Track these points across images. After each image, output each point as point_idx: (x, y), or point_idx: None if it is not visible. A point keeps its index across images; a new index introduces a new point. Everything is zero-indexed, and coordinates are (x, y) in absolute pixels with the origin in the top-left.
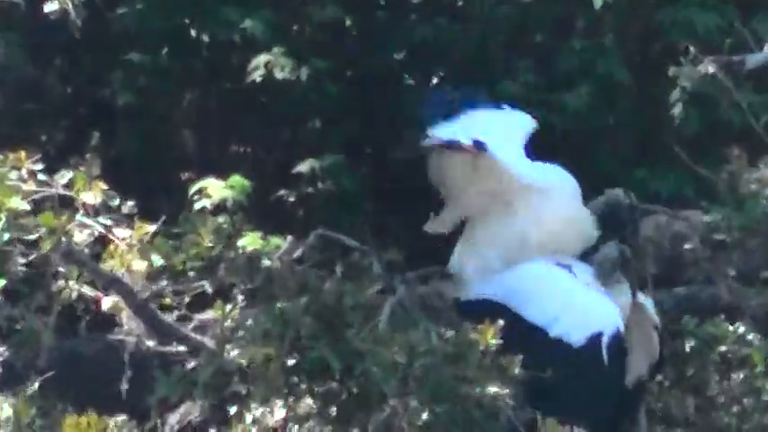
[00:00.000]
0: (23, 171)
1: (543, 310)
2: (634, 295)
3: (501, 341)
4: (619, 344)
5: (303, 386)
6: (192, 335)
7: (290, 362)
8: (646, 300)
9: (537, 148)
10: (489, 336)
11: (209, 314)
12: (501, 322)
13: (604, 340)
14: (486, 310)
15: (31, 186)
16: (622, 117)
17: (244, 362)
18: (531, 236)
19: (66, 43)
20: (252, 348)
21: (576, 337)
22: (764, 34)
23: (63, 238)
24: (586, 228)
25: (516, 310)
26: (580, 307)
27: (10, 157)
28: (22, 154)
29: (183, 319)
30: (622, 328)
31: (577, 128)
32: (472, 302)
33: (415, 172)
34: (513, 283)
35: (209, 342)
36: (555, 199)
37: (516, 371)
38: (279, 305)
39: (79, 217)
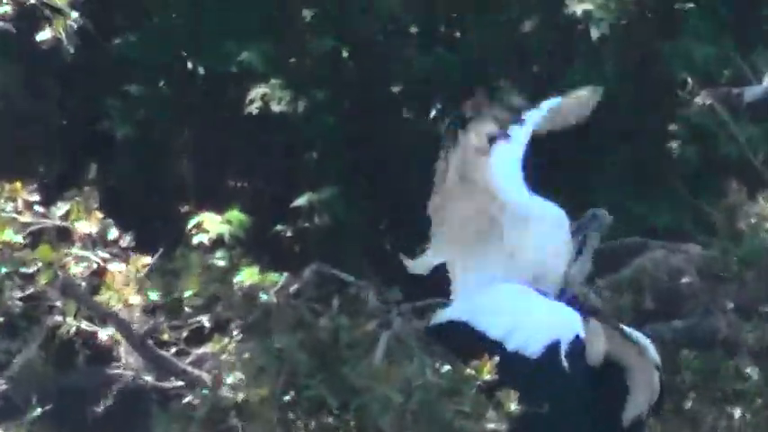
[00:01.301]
0: (19, 202)
1: (500, 323)
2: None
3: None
4: (579, 350)
5: (299, 422)
6: (190, 369)
7: (286, 398)
8: (647, 341)
9: (533, 178)
10: (485, 371)
11: (206, 348)
12: (497, 358)
13: (563, 348)
14: (452, 330)
15: (27, 218)
16: (620, 148)
17: (239, 399)
18: (515, 265)
19: (61, 72)
20: (247, 386)
21: (533, 348)
22: (763, 67)
23: (59, 272)
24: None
25: (477, 327)
26: (536, 317)
27: (6, 188)
28: (18, 185)
29: (181, 353)
30: (582, 334)
31: (575, 160)
32: (439, 325)
33: (413, 203)
34: (476, 300)
35: (206, 376)
36: (542, 230)
37: (513, 406)
38: (274, 341)
39: (76, 249)
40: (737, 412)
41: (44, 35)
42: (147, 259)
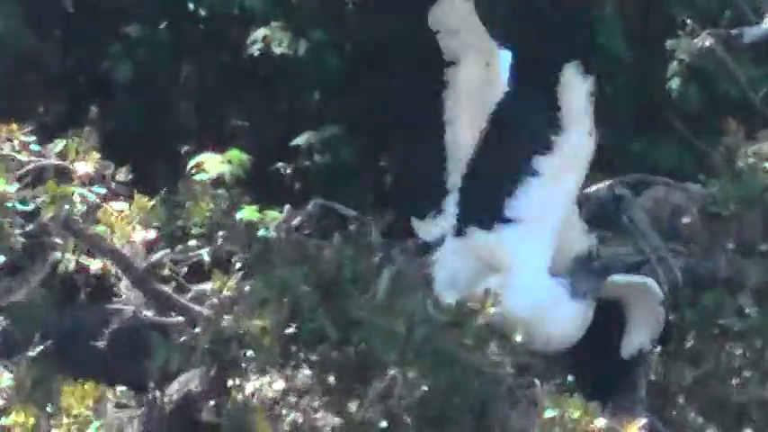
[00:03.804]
0: (16, 143)
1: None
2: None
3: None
4: None
5: (301, 355)
6: (191, 305)
7: (288, 330)
8: (648, 279)
9: None
10: (488, 304)
11: (207, 285)
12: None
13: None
14: None
15: (24, 157)
16: (621, 89)
17: (241, 330)
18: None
19: (63, 15)
20: (249, 317)
21: None
22: (764, 8)
23: (66, 206)
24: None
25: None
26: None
27: (3, 129)
28: (14, 126)
29: (181, 289)
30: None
31: None
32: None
33: (414, 145)
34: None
35: (207, 312)
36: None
37: (518, 338)
38: (277, 274)
39: (74, 187)
40: (738, 351)
41: None
42: (149, 200)
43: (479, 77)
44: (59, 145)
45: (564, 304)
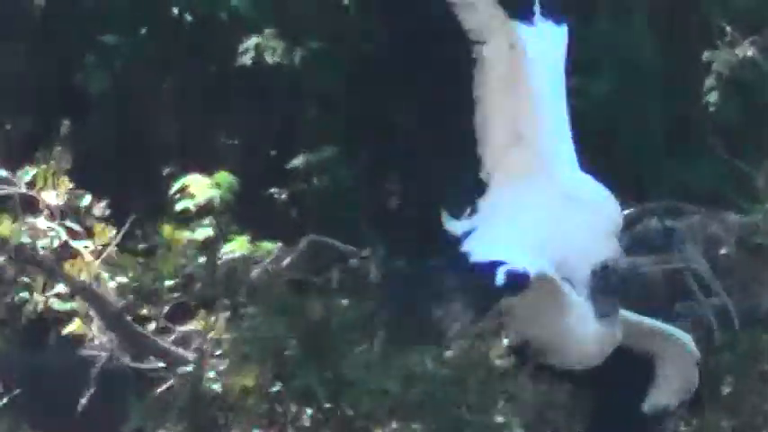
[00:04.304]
0: None
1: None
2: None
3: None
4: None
5: (287, 416)
6: (173, 348)
7: (273, 389)
8: (684, 335)
9: None
10: (494, 355)
11: (190, 326)
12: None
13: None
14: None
15: None
16: (652, 104)
17: (221, 389)
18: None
19: (33, 23)
20: (231, 375)
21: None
22: None
23: (27, 239)
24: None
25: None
26: None
27: None
28: None
29: (163, 331)
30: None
31: (602, 117)
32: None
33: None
34: None
35: (190, 357)
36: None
37: (528, 396)
38: (261, 325)
39: (41, 222)
40: None
41: None
42: (116, 234)
43: (505, 59)
44: (29, 173)
45: (591, 323)
